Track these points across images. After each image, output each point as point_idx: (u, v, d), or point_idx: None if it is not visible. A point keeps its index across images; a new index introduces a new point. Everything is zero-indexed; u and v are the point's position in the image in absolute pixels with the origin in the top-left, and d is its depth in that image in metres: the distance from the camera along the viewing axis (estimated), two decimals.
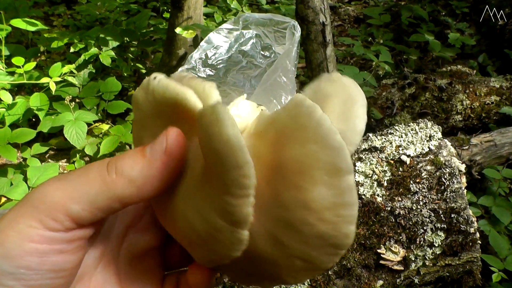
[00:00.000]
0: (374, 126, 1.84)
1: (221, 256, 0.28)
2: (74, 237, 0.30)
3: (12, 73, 1.74)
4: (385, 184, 0.79)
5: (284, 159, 0.26)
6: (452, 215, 0.76)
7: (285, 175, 0.26)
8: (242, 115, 0.34)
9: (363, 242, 0.78)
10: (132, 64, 2.14)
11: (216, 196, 0.26)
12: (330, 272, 0.79)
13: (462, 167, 0.78)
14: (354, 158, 0.84)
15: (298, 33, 0.74)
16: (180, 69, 0.77)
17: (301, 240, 0.26)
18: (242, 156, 0.23)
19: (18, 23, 1.79)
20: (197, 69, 0.75)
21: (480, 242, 0.77)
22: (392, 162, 0.80)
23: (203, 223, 0.28)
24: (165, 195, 0.32)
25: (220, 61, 0.75)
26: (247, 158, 0.24)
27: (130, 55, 2.19)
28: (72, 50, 1.93)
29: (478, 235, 0.77)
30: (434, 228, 0.76)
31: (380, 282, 0.79)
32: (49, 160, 1.80)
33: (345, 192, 0.25)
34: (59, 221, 0.29)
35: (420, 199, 0.77)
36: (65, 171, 1.67)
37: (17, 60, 1.66)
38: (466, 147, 1.54)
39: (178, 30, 1.69)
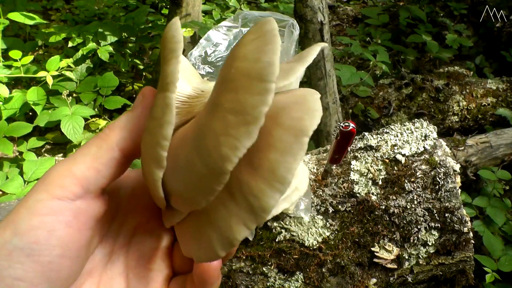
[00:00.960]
0: (370, 125, 1.85)
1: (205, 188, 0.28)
2: (80, 209, 0.31)
3: (9, 67, 1.73)
4: (380, 183, 0.79)
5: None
6: (446, 215, 0.77)
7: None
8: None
9: (357, 240, 0.79)
10: (130, 59, 2.13)
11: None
12: (323, 270, 0.79)
13: (457, 167, 0.79)
14: (349, 157, 0.84)
15: (296, 32, 0.74)
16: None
17: (230, 88, 0.27)
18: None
19: (16, 16, 1.79)
20: (196, 67, 0.75)
21: (473, 242, 0.78)
22: (387, 161, 0.81)
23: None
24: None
25: (220, 58, 0.75)
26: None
27: (128, 50, 2.18)
28: (70, 44, 1.93)
29: (471, 234, 0.78)
30: (428, 227, 0.77)
31: (374, 280, 0.80)
32: (46, 154, 1.80)
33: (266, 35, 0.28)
34: (65, 186, 0.30)
35: (415, 198, 0.77)
36: None
37: (15, 54, 1.65)
38: (462, 148, 1.55)
39: None
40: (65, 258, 0.30)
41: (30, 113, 1.80)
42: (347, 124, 0.67)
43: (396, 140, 0.82)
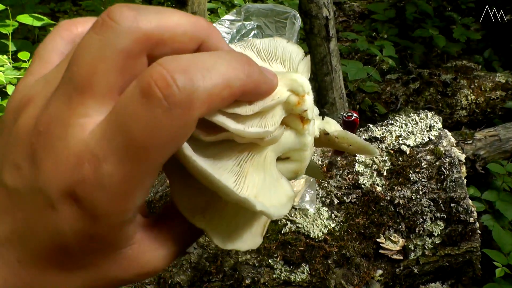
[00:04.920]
0: (378, 121, 1.84)
1: None
2: None
3: (18, 68, 1.75)
4: (385, 173, 0.79)
5: None
6: (452, 205, 0.76)
7: None
8: None
9: (362, 231, 0.79)
10: None
11: None
12: (329, 261, 0.79)
13: (462, 157, 0.78)
14: None
15: (298, 23, 0.74)
16: None
17: None
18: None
19: (24, 18, 1.81)
20: None
21: (479, 232, 0.77)
22: (392, 152, 0.81)
23: None
24: None
25: None
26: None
27: None
28: None
29: (477, 224, 0.77)
30: (433, 218, 0.77)
31: (380, 272, 0.80)
32: None
33: None
34: None
35: (420, 188, 0.77)
36: None
37: (24, 55, 1.68)
38: (470, 142, 1.53)
39: None
40: None
41: None
42: (350, 114, 0.67)
43: (400, 131, 0.82)
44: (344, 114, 0.68)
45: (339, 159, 0.82)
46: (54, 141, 0.23)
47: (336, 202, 0.79)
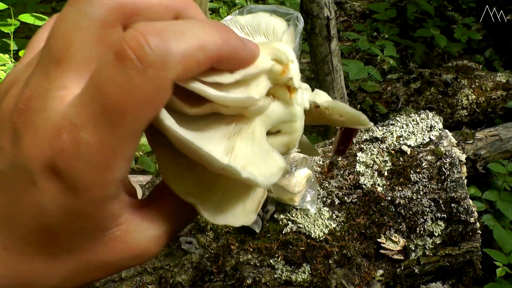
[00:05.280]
0: (379, 120, 1.84)
1: None
2: None
3: None
4: (386, 174, 0.79)
5: None
6: (452, 205, 0.77)
7: None
8: None
9: (363, 231, 0.79)
10: None
11: None
12: (330, 261, 0.80)
13: (463, 157, 0.78)
14: (355, 149, 0.84)
15: (301, 25, 0.75)
16: None
17: None
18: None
19: (26, 18, 1.81)
20: None
21: (480, 232, 0.78)
22: (393, 152, 0.81)
23: None
24: None
25: None
26: None
27: None
28: None
29: (478, 224, 0.78)
30: (434, 218, 0.77)
31: (380, 272, 0.80)
32: None
33: None
34: None
35: (420, 188, 0.77)
36: None
37: None
38: (471, 141, 1.54)
39: None
40: None
41: None
42: None
43: (401, 131, 0.82)
44: None
45: (340, 159, 0.82)
46: (34, 116, 0.23)
47: (337, 202, 0.80)
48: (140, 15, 0.24)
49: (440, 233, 0.77)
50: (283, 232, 0.80)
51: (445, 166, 0.77)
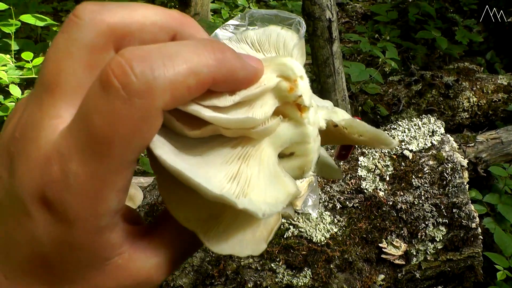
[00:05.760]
0: (380, 122, 1.84)
1: None
2: None
3: (21, 68, 1.76)
4: (388, 178, 0.79)
5: None
6: (454, 210, 0.77)
7: None
8: None
9: (365, 236, 0.79)
10: None
11: None
12: (331, 266, 0.80)
13: (465, 162, 0.78)
14: (357, 153, 0.84)
15: (303, 30, 0.75)
16: None
17: None
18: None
19: (27, 18, 1.81)
20: None
21: (482, 238, 0.78)
22: (394, 157, 0.81)
23: None
24: None
25: None
26: None
27: None
28: None
29: (479, 230, 0.78)
30: (435, 223, 0.77)
31: (382, 276, 0.80)
32: None
33: None
34: None
35: (422, 193, 0.77)
36: None
37: (26, 55, 1.68)
38: (472, 144, 1.53)
39: None
40: None
41: None
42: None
43: (403, 135, 0.82)
44: None
45: (341, 163, 0.82)
46: (28, 145, 0.22)
47: (338, 207, 0.80)
48: (133, 37, 0.23)
49: (441, 238, 0.77)
50: (285, 236, 0.80)
51: (447, 171, 0.77)
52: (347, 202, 0.79)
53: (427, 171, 0.78)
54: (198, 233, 0.25)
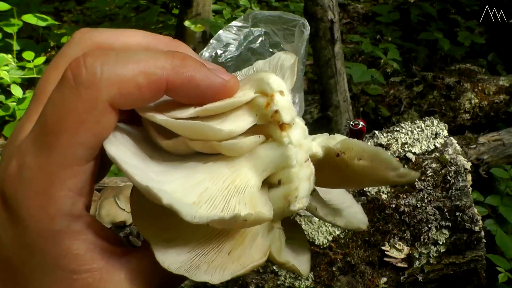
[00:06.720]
0: (381, 123, 1.84)
1: None
2: None
3: (22, 68, 1.76)
4: None
5: None
6: (457, 213, 0.76)
7: None
8: None
9: (367, 238, 0.79)
10: None
11: None
12: (334, 269, 0.80)
13: (468, 165, 0.78)
14: None
15: (307, 32, 0.74)
16: None
17: None
18: None
19: (29, 18, 1.81)
20: None
21: (485, 241, 0.77)
22: (397, 159, 0.81)
23: None
24: None
25: (230, 59, 0.75)
26: None
27: None
28: None
29: (483, 233, 0.77)
30: (438, 226, 0.77)
31: (384, 279, 0.80)
32: None
33: None
34: None
35: (425, 196, 0.77)
36: None
37: (28, 55, 1.68)
38: (474, 146, 1.53)
39: (186, 23, 1.71)
40: None
41: None
42: (356, 122, 0.67)
43: (406, 138, 0.82)
44: (351, 123, 0.68)
45: None
46: (6, 148, 0.24)
47: None
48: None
49: (444, 241, 0.77)
50: None
51: (450, 174, 0.77)
52: None
53: (430, 174, 0.78)
54: (155, 252, 0.23)
